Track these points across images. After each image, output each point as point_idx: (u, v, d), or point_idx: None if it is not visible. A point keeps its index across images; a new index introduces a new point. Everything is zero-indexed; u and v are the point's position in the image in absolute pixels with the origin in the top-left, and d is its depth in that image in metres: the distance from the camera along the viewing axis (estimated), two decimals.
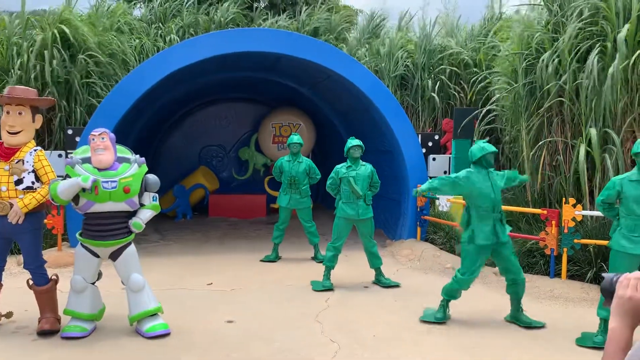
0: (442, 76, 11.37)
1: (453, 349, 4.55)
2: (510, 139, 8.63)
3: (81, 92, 9.76)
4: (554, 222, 6.31)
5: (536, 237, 6.58)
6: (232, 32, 9.20)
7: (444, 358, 4.37)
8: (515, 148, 8.56)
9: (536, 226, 6.95)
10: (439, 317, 5.15)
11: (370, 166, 6.51)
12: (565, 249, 6.26)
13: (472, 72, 10.96)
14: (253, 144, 13.02)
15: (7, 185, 4.54)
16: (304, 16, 15.29)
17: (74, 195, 4.47)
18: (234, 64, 9.61)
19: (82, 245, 4.68)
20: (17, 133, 4.59)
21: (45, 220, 7.42)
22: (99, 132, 4.61)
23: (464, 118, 9.03)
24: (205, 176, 12.29)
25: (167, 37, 12.66)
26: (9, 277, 6.66)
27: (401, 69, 11.73)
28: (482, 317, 5.32)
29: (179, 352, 4.40)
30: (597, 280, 6.13)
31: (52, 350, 4.38)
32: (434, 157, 9.69)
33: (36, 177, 4.66)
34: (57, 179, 4.58)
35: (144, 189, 4.70)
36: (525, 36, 8.05)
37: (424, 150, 9.46)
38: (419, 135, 9.50)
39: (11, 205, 4.50)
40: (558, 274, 6.36)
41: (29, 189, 4.60)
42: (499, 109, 8.87)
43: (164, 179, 11.86)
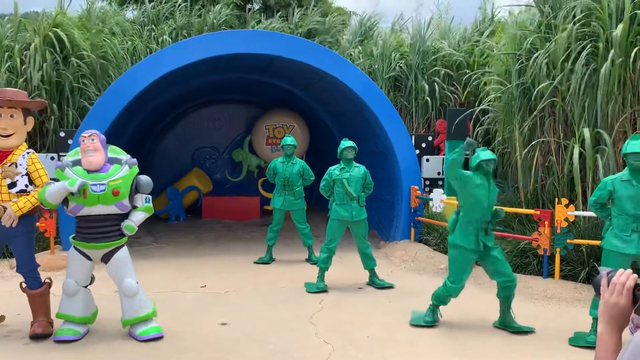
0: (436, 77, 11.40)
1: (447, 350, 4.55)
2: (503, 139, 8.67)
3: (73, 94, 9.72)
4: (546, 223, 6.34)
5: (529, 238, 6.60)
6: (224, 33, 9.19)
7: (438, 359, 4.38)
8: (507, 148, 8.59)
9: (529, 226, 6.97)
10: (428, 320, 5.11)
11: (363, 167, 6.52)
12: (558, 249, 6.28)
13: (465, 74, 11.00)
14: (247, 146, 13.00)
15: (0, 189, 4.51)
16: (297, 18, 15.29)
17: (64, 199, 4.45)
18: (227, 65, 9.60)
19: (75, 248, 4.66)
20: (9, 136, 4.56)
21: (38, 224, 7.39)
22: (89, 134, 4.58)
23: (457, 119, 9.04)
24: (198, 178, 12.26)
25: (160, 39, 12.63)
26: (1, 280, 6.62)
27: (395, 71, 11.75)
28: (475, 318, 5.33)
29: (173, 355, 4.38)
30: (590, 280, 6.15)
31: (45, 354, 4.35)
32: (428, 159, 9.72)
33: (29, 180, 4.64)
34: (50, 182, 4.56)
35: (135, 191, 4.64)
36: (517, 37, 8.08)
37: (418, 152, 9.48)
38: (413, 137, 9.52)
39: (4, 208, 4.48)
40: (551, 274, 6.38)
41: (23, 192, 4.59)
42: (492, 110, 8.90)
43: (157, 181, 11.82)
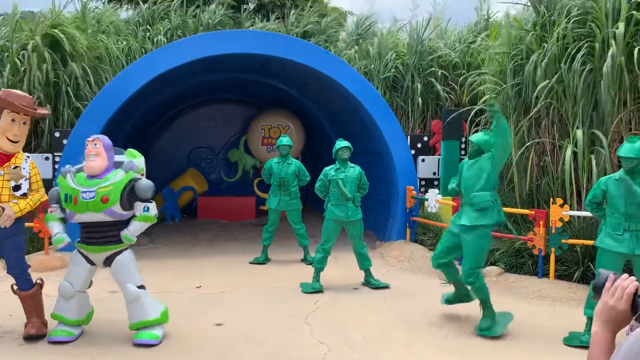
0: (432, 78, 11.41)
1: (442, 349, 4.56)
2: None
3: (69, 95, 9.69)
4: (541, 223, 6.35)
5: (524, 238, 6.61)
6: (219, 34, 9.18)
7: (433, 358, 4.38)
8: None
9: (524, 226, 6.99)
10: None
11: (358, 168, 6.52)
12: (553, 249, 6.30)
13: (460, 74, 11.01)
14: (242, 146, 12.98)
15: (0, 190, 4.54)
16: (293, 19, 15.27)
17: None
18: (223, 65, 9.59)
19: (78, 251, 4.66)
20: (17, 142, 4.61)
21: (32, 224, 7.36)
22: (93, 139, 4.58)
23: (453, 119, 9.06)
24: (194, 178, 12.24)
25: (155, 39, 12.60)
26: None
27: (391, 71, 11.75)
28: (471, 318, 5.33)
29: (168, 355, 4.37)
30: (585, 280, 6.17)
31: (39, 356, 4.33)
32: (423, 159, 9.73)
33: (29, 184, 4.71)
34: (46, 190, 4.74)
35: (134, 197, 4.53)
36: (513, 37, 8.09)
37: (413, 152, 9.49)
38: (408, 137, 9.52)
39: (3, 209, 4.49)
40: (546, 274, 6.39)
41: (25, 195, 4.65)
42: (488, 110, 8.90)
43: (153, 181, 11.82)
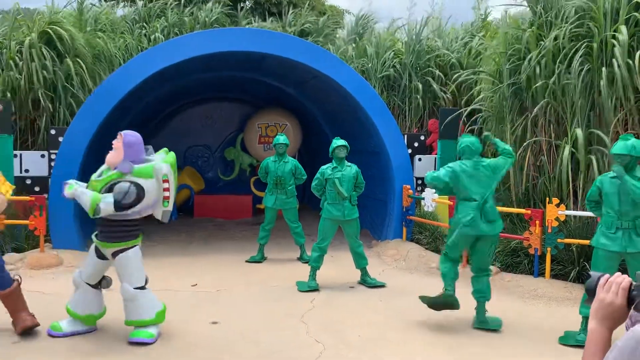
0: (429, 77, 11.41)
1: (438, 348, 4.56)
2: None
3: (66, 92, 9.66)
4: (537, 222, 6.36)
5: (520, 237, 6.63)
6: (216, 31, 9.16)
7: (429, 357, 4.38)
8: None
9: (520, 226, 7.00)
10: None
11: (355, 167, 6.51)
12: (549, 249, 6.31)
13: (457, 73, 11.02)
14: (239, 144, 12.95)
15: None
16: (290, 17, 15.25)
17: None
18: (220, 63, 9.56)
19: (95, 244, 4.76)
20: None
21: (27, 221, 7.34)
22: (119, 133, 4.64)
23: (450, 119, 9.07)
24: (190, 176, 12.20)
25: (152, 37, 12.56)
26: None
27: (389, 70, 11.75)
28: (467, 317, 5.33)
29: (163, 354, 4.36)
30: (581, 279, 6.19)
31: (34, 353, 4.32)
32: (420, 158, 9.73)
33: None
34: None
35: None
36: (510, 36, 8.10)
37: (410, 151, 9.49)
38: (405, 136, 9.52)
39: None
40: (542, 274, 6.41)
41: None
42: (484, 109, 8.91)
43: None
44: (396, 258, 7.81)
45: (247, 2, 18.04)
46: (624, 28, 6.47)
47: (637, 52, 6.40)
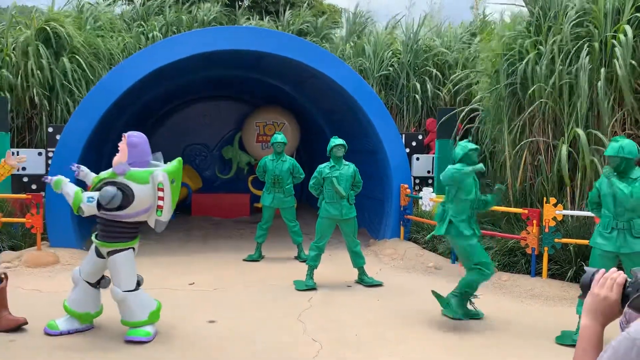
0: (427, 77, 11.42)
1: (435, 348, 4.57)
2: (492, 138, 8.69)
3: (63, 90, 9.64)
4: (535, 222, 6.37)
5: (517, 237, 6.64)
6: (215, 29, 9.15)
7: (426, 357, 4.39)
8: (496, 148, 8.62)
9: (517, 225, 7.01)
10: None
11: (353, 166, 6.52)
12: (546, 248, 6.32)
13: (455, 73, 11.02)
14: (237, 143, 12.95)
15: None
16: (288, 16, 15.23)
17: None
18: (218, 61, 9.55)
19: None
20: None
21: (24, 219, 7.33)
22: (123, 134, 4.62)
23: (447, 118, 9.07)
24: (188, 175, 12.18)
25: (150, 35, 12.53)
26: None
27: (387, 69, 11.75)
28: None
29: (160, 352, 4.36)
30: (578, 279, 6.20)
31: (30, 351, 4.32)
32: (418, 157, 9.73)
33: None
34: None
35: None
36: (507, 37, 8.10)
37: (408, 150, 9.50)
38: (403, 135, 9.52)
39: None
40: (539, 273, 6.42)
41: None
42: (482, 109, 8.92)
43: None
44: (394, 257, 7.82)
45: (244, 1, 18.01)
46: (629, 28, 6.45)
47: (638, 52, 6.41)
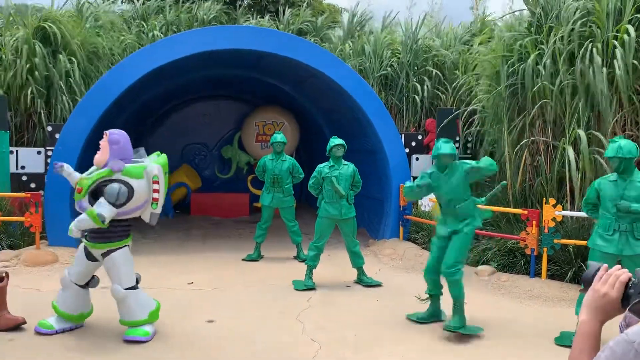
0: (426, 77, 11.40)
1: (433, 348, 4.56)
2: (492, 139, 8.69)
3: (62, 89, 9.62)
4: (534, 222, 6.37)
5: (517, 237, 6.63)
6: (215, 29, 9.14)
7: (425, 356, 4.38)
8: (496, 148, 8.61)
9: (517, 226, 7.00)
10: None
11: (352, 166, 6.51)
12: (546, 249, 6.31)
13: (455, 74, 11.02)
14: (236, 142, 12.94)
15: None
16: (288, 15, 15.21)
17: None
18: (217, 61, 9.54)
19: (84, 244, 4.71)
20: None
21: (23, 218, 7.32)
22: (105, 132, 4.62)
23: (447, 119, 9.07)
24: (187, 174, 12.18)
25: (150, 34, 12.52)
26: None
27: (387, 69, 11.73)
28: None
29: (158, 352, 4.35)
30: (577, 280, 6.19)
31: (28, 350, 4.31)
32: (417, 157, 9.72)
33: None
34: None
35: (102, 194, 4.44)
36: (507, 38, 8.08)
37: (407, 150, 9.49)
38: (403, 135, 9.52)
39: None
40: (538, 274, 6.41)
41: None
42: (481, 110, 8.91)
43: None
44: (393, 257, 7.81)
45: (244, 0, 17.99)
46: (632, 28, 6.44)
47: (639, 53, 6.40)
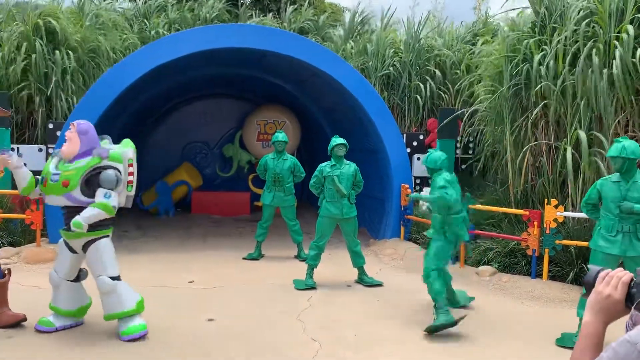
0: (428, 77, 11.39)
1: (434, 348, 4.55)
2: (493, 139, 8.67)
3: (63, 86, 9.62)
4: (536, 223, 6.35)
5: (518, 238, 6.62)
6: (217, 27, 9.13)
7: (425, 356, 4.37)
8: (498, 149, 8.60)
9: (518, 227, 6.98)
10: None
11: (354, 165, 6.50)
12: (547, 250, 6.30)
13: (457, 74, 11.00)
14: (237, 141, 12.93)
15: None
16: (290, 14, 15.20)
17: None
18: (219, 59, 9.54)
19: (63, 239, 4.68)
20: None
21: (24, 216, 7.31)
22: (72, 123, 4.65)
23: (449, 119, 9.05)
24: (188, 172, 12.17)
25: (153, 32, 12.51)
26: None
27: (389, 68, 11.71)
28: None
29: (158, 351, 4.34)
30: (578, 281, 6.18)
31: (26, 348, 4.30)
32: (419, 157, 9.71)
33: None
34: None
35: (97, 184, 4.41)
36: (511, 38, 8.06)
37: (409, 150, 9.47)
38: (404, 135, 9.51)
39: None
40: (539, 275, 6.40)
41: None
42: (483, 110, 8.89)
43: (147, 175, 11.74)
44: (394, 257, 7.80)
45: None
46: (631, 28, 6.42)
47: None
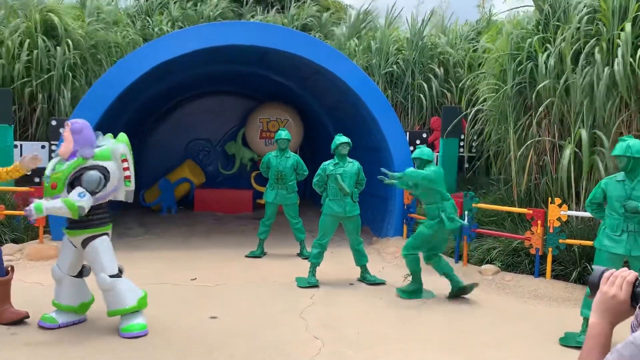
0: (431, 75, 11.37)
1: (436, 346, 4.54)
2: (497, 138, 8.65)
3: (65, 82, 9.62)
4: (539, 222, 6.33)
5: (521, 237, 6.59)
6: (220, 24, 9.11)
7: (428, 355, 4.36)
8: (501, 147, 8.57)
9: (521, 226, 6.96)
10: None
11: (357, 163, 6.48)
12: (550, 249, 6.28)
13: (460, 72, 10.97)
14: (240, 139, 12.91)
15: None
16: (293, 11, 15.18)
17: None
18: (222, 57, 9.52)
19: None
20: None
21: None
22: (66, 122, 4.63)
23: (453, 117, 9.03)
24: (191, 170, 12.16)
25: (156, 29, 12.51)
26: None
27: (392, 66, 11.69)
28: (465, 315, 5.32)
29: (160, 348, 4.33)
30: (582, 280, 6.16)
31: (26, 346, 4.30)
32: None
33: None
34: None
35: (79, 183, 4.41)
36: (514, 37, 8.03)
37: (412, 148, 9.45)
38: (407, 133, 9.48)
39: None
40: (543, 274, 6.38)
41: None
42: (487, 109, 8.87)
43: (150, 172, 11.75)
44: (396, 255, 7.78)
45: None
46: (629, 25, 6.40)
47: None
